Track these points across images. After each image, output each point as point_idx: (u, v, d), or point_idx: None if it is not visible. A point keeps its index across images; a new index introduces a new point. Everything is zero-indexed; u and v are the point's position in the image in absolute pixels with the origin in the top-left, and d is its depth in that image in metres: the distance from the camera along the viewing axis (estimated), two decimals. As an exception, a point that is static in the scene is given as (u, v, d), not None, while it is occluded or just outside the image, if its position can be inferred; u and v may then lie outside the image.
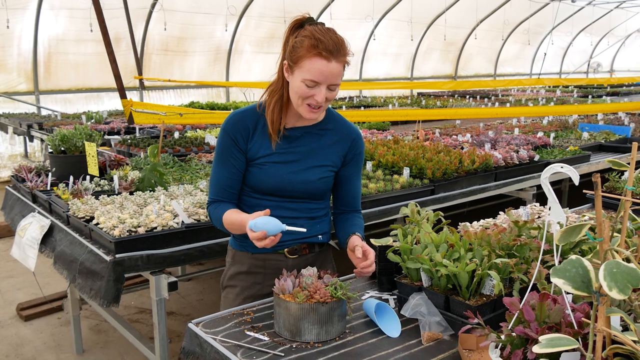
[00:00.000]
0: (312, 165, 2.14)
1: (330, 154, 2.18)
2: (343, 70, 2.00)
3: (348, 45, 2.00)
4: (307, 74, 1.94)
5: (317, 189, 2.17)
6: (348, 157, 2.22)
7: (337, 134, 2.20)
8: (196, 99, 11.69)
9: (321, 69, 1.92)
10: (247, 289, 2.22)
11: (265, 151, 2.11)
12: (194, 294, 5.10)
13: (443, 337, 1.81)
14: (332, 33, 1.97)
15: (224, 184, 2.14)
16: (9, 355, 4.02)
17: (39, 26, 9.83)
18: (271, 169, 2.10)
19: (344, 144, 2.20)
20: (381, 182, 3.75)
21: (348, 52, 1.99)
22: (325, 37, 1.93)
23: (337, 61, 1.94)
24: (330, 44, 1.92)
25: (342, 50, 1.95)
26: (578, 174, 1.44)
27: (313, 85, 1.95)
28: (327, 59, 1.92)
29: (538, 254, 1.96)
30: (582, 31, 19.02)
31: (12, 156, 9.96)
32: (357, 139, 2.24)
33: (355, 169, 2.26)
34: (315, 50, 1.92)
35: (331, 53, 1.92)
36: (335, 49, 1.93)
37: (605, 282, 1.08)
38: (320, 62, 1.92)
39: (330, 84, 1.96)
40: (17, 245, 3.46)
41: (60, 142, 3.95)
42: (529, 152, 4.72)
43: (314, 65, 1.92)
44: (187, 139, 5.79)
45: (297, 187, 2.12)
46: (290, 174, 2.11)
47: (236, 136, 2.10)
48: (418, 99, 11.45)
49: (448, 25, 15.07)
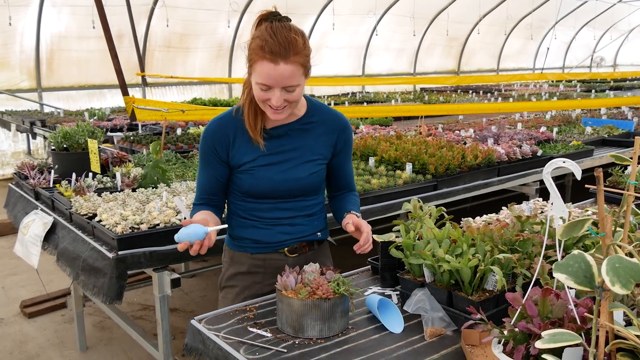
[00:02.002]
0: (302, 162, 2.09)
1: (318, 146, 2.12)
2: (301, 69, 1.86)
3: (303, 43, 1.85)
4: (258, 77, 1.85)
5: (310, 185, 2.12)
6: (338, 147, 2.16)
7: (323, 125, 2.13)
8: (199, 96, 11.68)
9: (268, 72, 1.82)
10: (247, 289, 2.20)
11: (250, 156, 2.05)
12: (197, 290, 5.10)
13: (446, 332, 1.81)
14: (286, 31, 1.83)
15: (205, 189, 2.13)
16: (12, 352, 4.04)
17: (41, 23, 9.82)
18: (260, 172, 2.05)
19: (331, 134, 2.14)
20: (384, 177, 3.75)
21: (302, 50, 1.84)
22: (274, 37, 1.80)
23: (286, 62, 1.81)
24: (277, 44, 1.79)
25: (292, 50, 1.81)
26: (580, 169, 1.43)
27: (266, 89, 1.86)
28: (274, 62, 1.80)
29: (541, 249, 1.96)
30: (585, 25, 18.93)
31: (15, 153, 9.98)
32: (345, 127, 2.17)
33: (346, 155, 2.23)
34: (261, 53, 1.81)
35: (278, 54, 1.80)
36: (284, 50, 1.80)
37: (607, 277, 1.07)
38: (268, 65, 1.81)
39: (284, 86, 1.85)
40: (20, 243, 3.46)
41: (62, 139, 3.95)
42: (532, 147, 4.71)
43: (262, 69, 1.82)
44: (190, 136, 5.79)
45: (289, 185, 2.08)
46: (280, 173, 2.06)
47: (215, 146, 2.06)
48: (421, 95, 11.43)
49: (451, 20, 15.02)
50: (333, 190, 2.30)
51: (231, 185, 2.15)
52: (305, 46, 1.87)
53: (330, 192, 2.32)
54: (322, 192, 2.26)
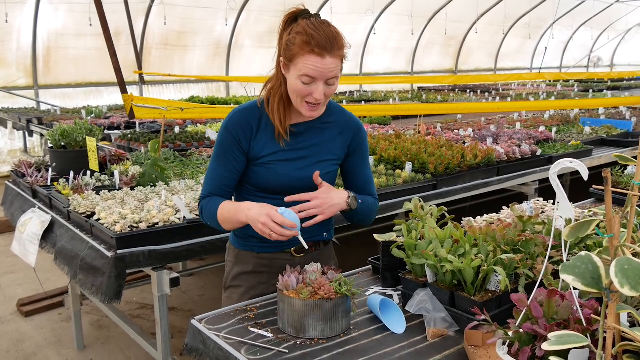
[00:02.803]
0: (317, 161, 2.10)
1: (334, 147, 2.14)
2: (341, 64, 1.95)
3: (344, 38, 1.94)
4: (303, 71, 1.89)
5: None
6: (351, 148, 2.18)
7: (339, 125, 2.16)
8: (196, 94, 11.66)
9: (315, 65, 1.87)
10: (253, 289, 2.18)
11: (269, 150, 2.06)
12: (195, 289, 5.09)
13: (448, 333, 1.79)
14: (326, 26, 1.91)
15: (221, 182, 2.09)
16: (9, 351, 4.01)
17: (38, 20, 9.78)
18: (278, 167, 2.05)
19: (346, 135, 2.16)
20: (383, 177, 3.73)
21: (344, 45, 1.93)
22: (318, 32, 1.87)
23: (331, 56, 1.89)
24: (323, 39, 1.86)
25: (336, 44, 1.89)
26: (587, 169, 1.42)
27: (310, 82, 1.91)
28: (321, 55, 1.87)
29: (543, 249, 1.95)
30: (582, 25, 18.95)
31: (12, 151, 9.94)
32: (359, 129, 2.20)
33: (361, 158, 2.22)
34: (308, 47, 1.86)
35: (325, 48, 1.87)
36: (329, 44, 1.87)
37: (617, 278, 1.06)
38: (314, 59, 1.87)
39: (327, 78, 1.92)
40: (17, 241, 3.44)
41: (60, 137, 3.93)
42: (532, 146, 4.70)
43: (308, 62, 1.87)
44: (188, 134, 5.77)
45: (304, 183, 2.07)
46: (297, 170, 2.07)
47: (239, 135, 2.05)
48: (419, 94, 11.42)
49: (449, 19, 15.02)
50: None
51: (243, 179, 2.14)
52: (345, 42, 1.95)
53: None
54: None
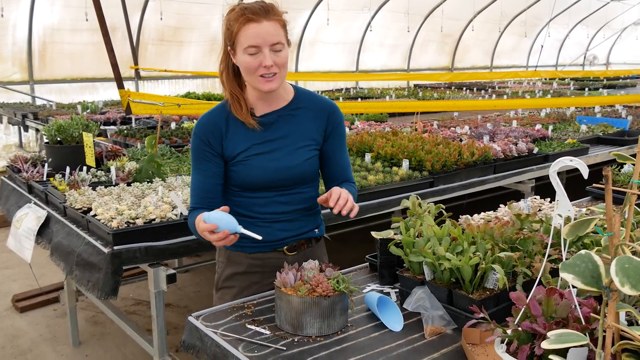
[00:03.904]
0: (294, 149, 2.08)
1: (308, 131, 2.12)
2: (283, 30, 1.97)
3: (279, 7, 1.99)
4: (245, 42, 1.93)
5: (305, 172, 2.10)
6: (327, 130, 2.15)
7: (311, 110, 2.14)
8: (192, 89, 11.62)
9: (255, 31, 1.91)
10: (246, 290, 2.17)
11: (242, 146, 2.05)
12: (190, 285, 5.08)
13: (446, 331, 1.79)
14: (260, 1, 1.97)
15: (204, 191, 2.07)
16: (4, 346, 4.00)
17: (34, 15, 9.72)
18: (254, 162, 2.04)
19: (320, 119, 2.14)
20: (380, 174, 3.73)
21: (280, 12, 1.98)
22: (251, 4, 1.94)
23: (268, 20, 1.93)
24: (257, 7, 1.93)
25: (271, 10, 1.95)
26: (587, 168, 1.42)
27: (255, 52, 1.93)
28: (257, 21, 1.91)
29: (541, 247, 1.95)
30: (578, 23, 18.97)
31: (7, 146, 9.89)
32: (333, 111, 2.18)
33: (338, 142, 2.19)
34: (243, 17, 1.92)
35: (258, 14, 1.92)
36: (263, 10, 1.93)
37: (617, 277, 1.06)
38: (252, 26, 1.91)
39: (271, 44, 1.93)
40: (13, 237, 3.43)
41: (56, 132, 3.90)
42: (528, 144, 4.70)
43: (248, 32, 1.92)
44: (184, 130, 5.75)
45: (284, 174, 2.06)
46: (274, 161, 2.05)
47: (208, 138, 2.06)
48: (415, 91, 11.41)
49: (445, 17, 15.01)
50: (329, 182, 2.23)
51: (226, 181, 2.12)
52: (281, 11, 1.99)
53: (327, 184, 2.24)
54: (317, 186, 2.23)
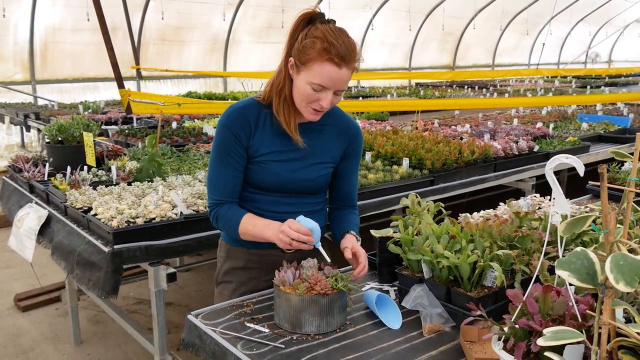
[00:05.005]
0: (312, 163, 2.09)
1: (329, 149, 2.13)
2: (351, 75, 1.93)
3: (358, 49, 1.92)
4: (316, 78, 1.86)
5: (317, 186, 2.14)
6: (347, 151, 2.17)
7: (336, 128, 2.15)
8: (193, 89, 11.64)
9: (331, 74, 1.85)
10: (243, 285, 2.18)
11: (266, 149, 2.03)
12: (192, 284, 5.09)
13: (444, 328, 1.80)
14: (345, 36, 1.88)
15: (230, 184, 2.04)
16: (6, 346, 4.01)
17: (35, 15, 9.75)
18: (272, 167, 2.04)
19: (343, 138, 2.16)
20: (380, 172, 3.73)
21: (359, 57, 1.91)
22: (338, 40, 1.84)
23: (347, 67, 1.87)
24: (343, 49, 1.84)
25: (353, 56, 1.88)
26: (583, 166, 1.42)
27: (320, 90, 1.88)
28: (339, 66, 1.84)
29: (539, 245, 1.96)
30: (580, 21, 18.94)
31: (9, 146, 9.92)
32: (357, 133, 2.19)
33: (353, 163, 2.22)
34: (327, 55, 1.83)
35: (343, 59, 1.84)
36: (348, 55, 1.85)
37: (612, 274, 1.06)
38: (331, 68, 1.84)
39: (338, 89, 1.90)
40: (14, 236, 3.44)
41: (57, 132, 3.91)
42: (529, 142, 4.70)
43: (324, 70, 1.84)
44: (185, 129, 5.76)
45: (297, 184, 2.08)
46: (291, 172, 2.06)
47: (238, 132, 2.01)
48: (416, 89, 11.41)
49: (446, 15, 15.01)
50: (334, 201, 2.26)
51: None
52: (359, 54, 1.93)
53: (332, 201, 2.28)
54: (325, 192, 2.26)
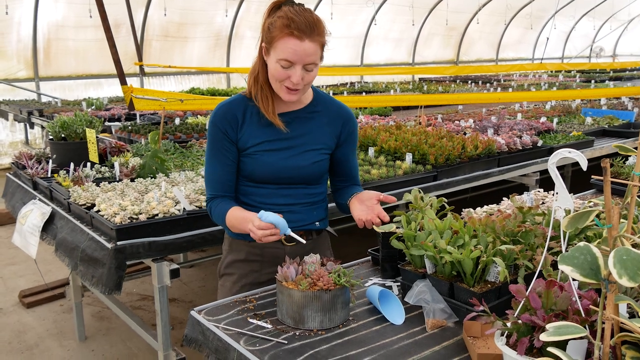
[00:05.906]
0: (304, 150, 2.12)
1: (321, 136, 2.15)
2: (320, 50, 1.97)
3: (325, 25, 1.97)
4: (281, 53, 1.92)
5: (312, 174, 2.15)
6: (342, 137, 2.20)
7: (327, 115, 2.17)
8: (197, 85, 11.64)
9: (294, 48, 1.90)
10: (245, 277, 2.21)
11: (255, 140, 2.08)
12: (195, 280, 5.09)
13: (447, 324, 1.79)
14: (308, 13, 1.94)
15: (222, 179, 2.12)
16: (11, 342, 4.03)
17: (38, 12, 9.76)
18: (263, 157, 2.08)
19: (335, 124, 2.18)
20: (384, 168, 3.73)
21: (324, 31, 1.96)
22: (299, 16, 1.90)
23: (310, 40, 1.91)
24: (303, 23, 1.89)
25: (316, 29, 1.92)
26: (586, 160, 1.41)
27: (288, 66, 1.93)
28: (300, 39, 1.89)
29: (543, 240, 1.95)
30: (584, 15, 18.85)
31: (13, 143, 9.94)
32: (349, 118, 2.21)
33: (350, 148, 2.25)
34: (287, 30, 1.90)
35: (304, 32, 1.89)
36: (309, 28, 1.90)
37: (615, 269, 1.06)
38: (293, 42, 1.89)
39: (306, 63, 1.93)
40: (18, 233, 3.44)
41: (60, 129, 3.92)
42: (532, 137, 4.69)
43: (287, 45, 1.90)
44: (188, 125, 5.76)
45: (290, 173, 2.10)
46: (283, 160, 2.09)
47: (225, 128, 2.08)
48: (420, 85, 11.38)
49: (450, 9, 14.96)
50: (337, 183, 2.31)
51: None
52: (325, 29, 1.97)
53: (334, 184, 2.32)
54: (325, 183, 2.27)
